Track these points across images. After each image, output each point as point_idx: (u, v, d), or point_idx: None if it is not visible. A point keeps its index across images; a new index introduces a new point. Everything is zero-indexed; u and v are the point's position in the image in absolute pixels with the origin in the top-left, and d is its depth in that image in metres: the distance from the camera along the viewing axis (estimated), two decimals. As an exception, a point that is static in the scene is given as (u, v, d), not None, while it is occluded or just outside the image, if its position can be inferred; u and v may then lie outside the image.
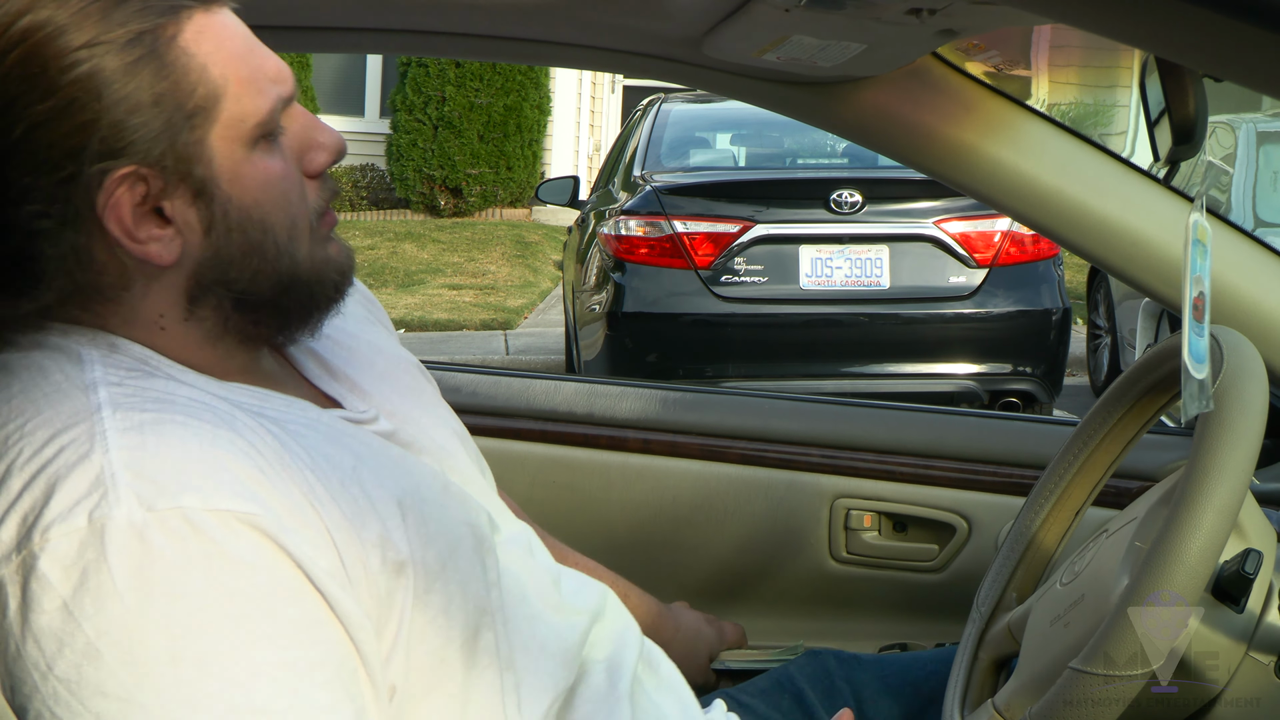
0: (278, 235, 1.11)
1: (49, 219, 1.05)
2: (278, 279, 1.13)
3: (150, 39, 1.05)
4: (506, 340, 10.39)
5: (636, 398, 2.22)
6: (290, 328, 1.18)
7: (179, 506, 0.99)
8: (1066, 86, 18.95)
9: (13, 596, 0.98)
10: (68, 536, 0.97)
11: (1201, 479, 1.17)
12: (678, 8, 1.60)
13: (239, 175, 1.09)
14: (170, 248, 1.08)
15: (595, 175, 9.51)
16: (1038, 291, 6.19)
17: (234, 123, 1.08)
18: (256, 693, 0.98)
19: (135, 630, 0.96)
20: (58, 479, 0.99)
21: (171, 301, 1.11)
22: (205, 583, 0.98)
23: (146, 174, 1.06)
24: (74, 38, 1.02)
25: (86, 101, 1.03)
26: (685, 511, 2.17)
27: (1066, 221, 1.77)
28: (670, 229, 6.11)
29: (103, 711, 0.96)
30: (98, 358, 1.08)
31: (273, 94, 1.11)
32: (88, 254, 1.07)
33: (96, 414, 1.03)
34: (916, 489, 2.13)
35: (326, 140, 1.16)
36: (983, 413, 2.35)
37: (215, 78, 1.07)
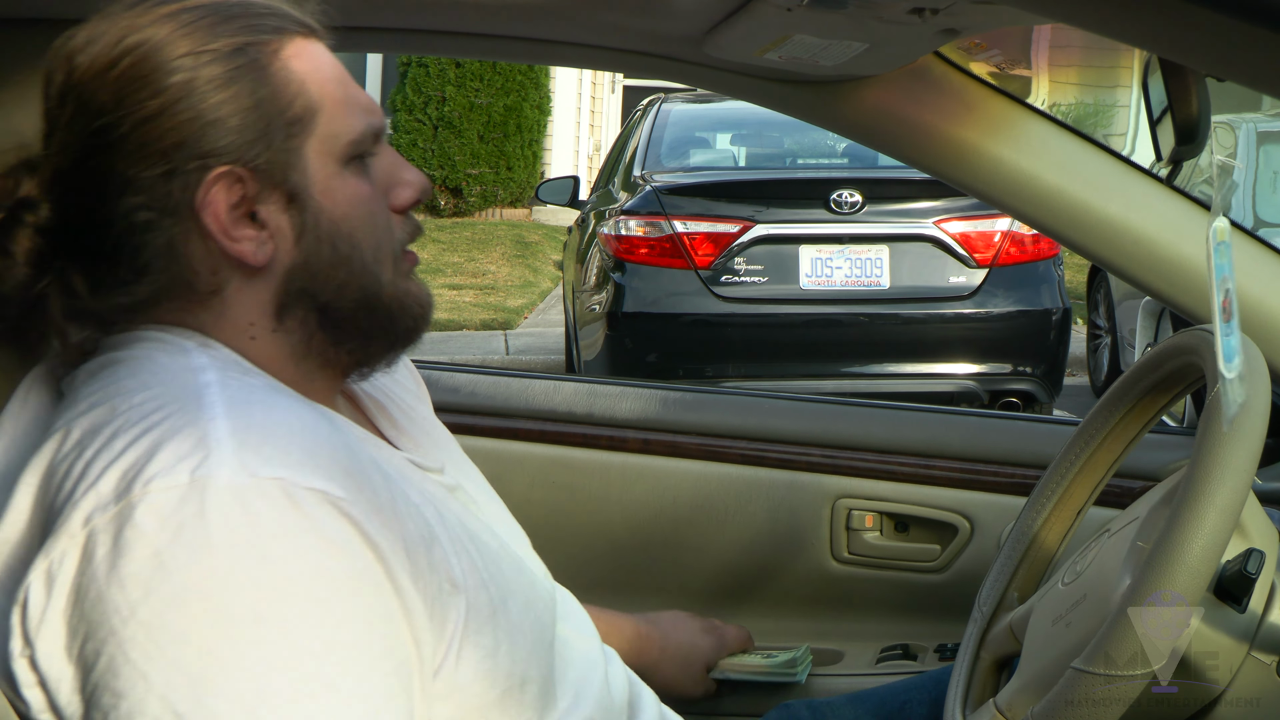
0: (364, 253, 1.17)
1: (150, 211, 1.11)
2: (362, 296, 1.18)
3: (253, 51, 1.13)
4: (506, 340, 10.39)
5: (636, 398, 2.21)
6: (369, 354, 1.22)
7: (280, 478, 1.03)
8: (1067, 86, 18.95)
9: (102, 545, 1.01)
10: (168, 491, 1.01)
11: (1204, 478, 1.16)
12: (679, 7, 1.60)
13: (330, 189, 1.15)
14: (263, 250, 1.14)
15: (595, 175, 9.51)
16: (1038, 291, 6.19)
17: (329, 138, 1.15)
18: (328, 668, 1.01)
19: (224, 585, 0.99)
20: (163, 438, 1.03)
21: (261, 310, 1.16)
22: (296, 554, 1.02)
23: (243, 175, 1.12)
24: (180, 46, 1.11)
25: (189, 102, 1.10)
26: (685, 512, 2.15)
27: (1068, 220, 1.77)
28: (670, 229, 6.11)
29: (180, 659, 0.99)
30: (200, 351, 1.13)
31: (365, 120, 1.18)
32: (184, 248, 1.13)
33: (206, 389, 1.07)
34: (918, 489, 2.12)
35: (412, 178, 1.22)
36: (984, 412, 2.35)
37: (313, 94, 1.15)
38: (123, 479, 1.02)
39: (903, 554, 2.14)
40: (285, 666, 1.00)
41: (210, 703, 0.98)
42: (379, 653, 1.04)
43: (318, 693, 1.00)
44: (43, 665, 1.03)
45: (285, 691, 0.99)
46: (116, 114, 1.11)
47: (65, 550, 1.02)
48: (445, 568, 1.14)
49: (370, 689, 1.03)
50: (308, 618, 1.01)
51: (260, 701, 0.99)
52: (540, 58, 1.99)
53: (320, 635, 1.01)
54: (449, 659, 1.13)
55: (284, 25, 1.16)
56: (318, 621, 1.02)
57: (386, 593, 1.06)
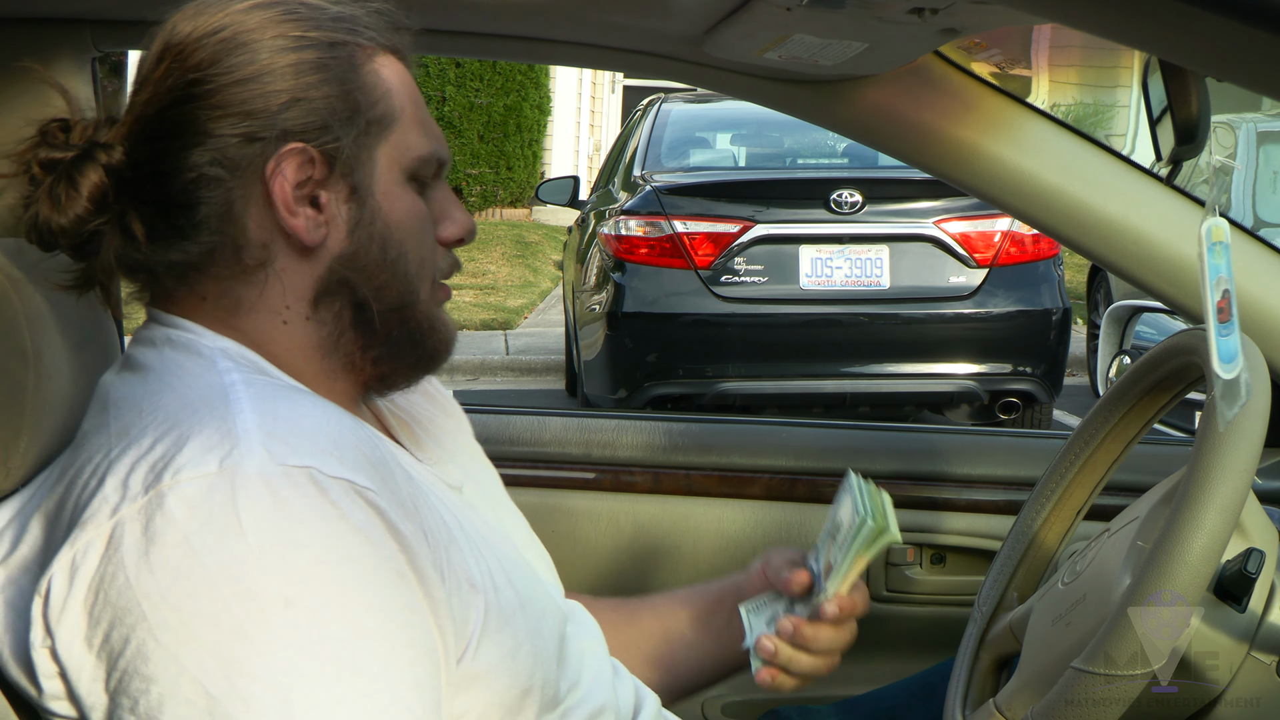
0: (409, 263, 1.21)
1: (219, 168, 1.15)
2: (399, 300, 1.21)
3: (350, 50, 1.19)
4: (506, 340, 10.39)
5: (638, 431, 2.09)
6: (392, 366, 1.24)
7: (307, 466, 1.05)
8: (1067, 86, 18.95)
9: (130, 534, 1.03)
10: (197, 480, 1.03)
11: (1204, 478, 1.16)
12: (679, 6, 1.60)
13: (391, 194, 1.20)
14: (317, 231, 1.17)
15: (595, 175, 9.51)
16: (1038, 291, 6.19)
17: (400, 147, 1.21)
18: (357, 653, 1.03)
19: (254, 570, 1.01)
20: (191, 432, 1.06)
21: (300, 294, 1.18)
22: (324, 540, 1.04)
23: (316, 158, 1.16)
24: (283, 29, 1.17)
25: (282, 75, 1.15)
26: (706, 556, 2.04)
27: (1068, 220, 1.76)
28: (670, 229, 6.11)
29: (212, 641, 1.01)
30: (223, 356, 1.16)
31: (434, 146, 1.23)
32: (243, 211, 1.16)
33: (231, 387, 1.11)
34: (962, 517, 2.02)
35: (462, 218, 1.27)
36: (1025, 431, 2.27)
37: (395, 103, 1.21)
38: (151, 471, 1.05)
39: (946, 588, 2.04)
40: (314, 650, 1.02)
41: (242, 684, 1.00)
42: (405, 640, 1.06)
43: (347, 676, 1.02)
44: (63, 655, 1.04)
45: (315, 674, 1.01)
46: (210, 71, 1.15)
47: (90, 541, 1.04)
48: (463, 568, 1.16)
49: (398, 674, 1.04)
50: (336, 603, 1.03)
51: (291, 684, 1.01)
52: (540, 57, 1.99)
53: (348, 620, 1.03)
54: (469, 653, 1.15)
55: (383, 40, 1.22)
56: (346, 607, 1.03)
57: (411, 582, 1.08)
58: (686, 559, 2.05)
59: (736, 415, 6.01)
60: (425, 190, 1.24)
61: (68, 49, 1.80)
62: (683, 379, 6.10)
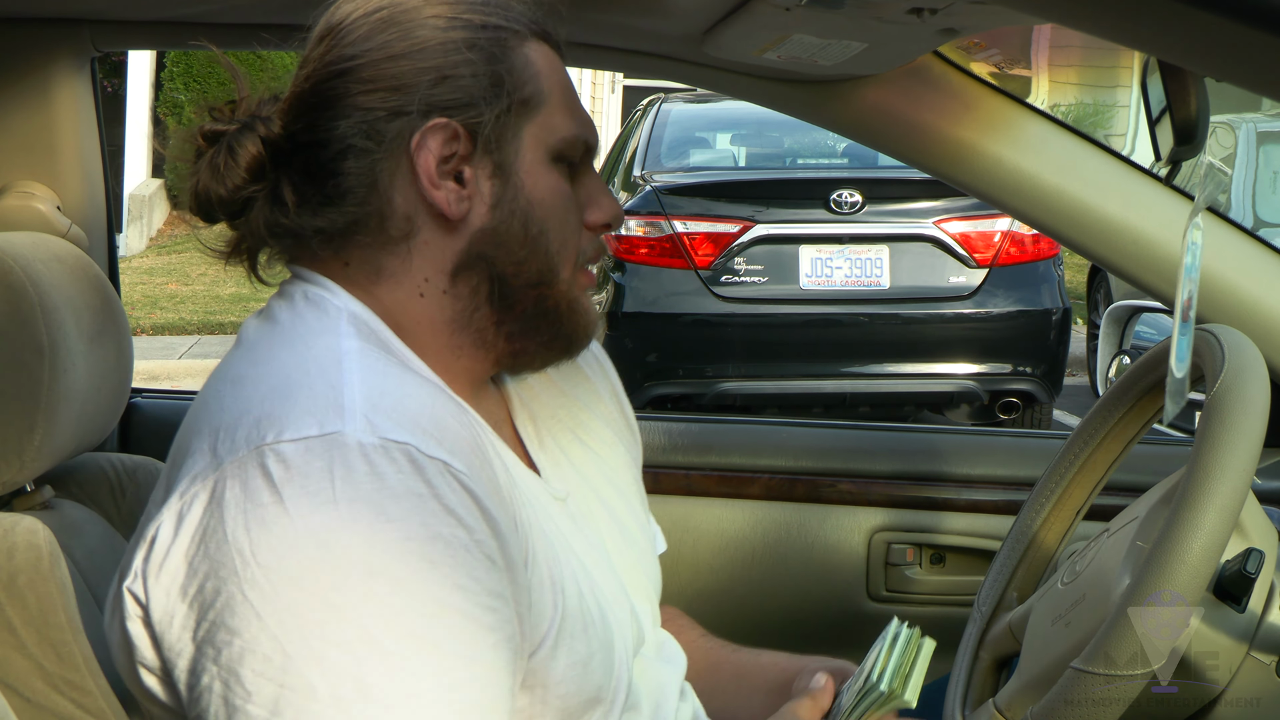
0: (550, 242, 1.23)
1: (367, 139, 1.18)
2: (537, 279, 1.23)
3: (503, 34, 1.22)
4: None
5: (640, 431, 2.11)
6: (525, 344, 1.25)
7: (406, 443, 1.06)
8: (1067, 86, 18.95)
9: (230, 490, 1.05)
10: (296, 442, 1.05)
11: (1203, 478, 1.16)
12: (679, 6, 1.60)
13: (535, 173, 1.22)
14: (460, 205, 1.20)
15: (595, 175, 9.50)
16: (1038, 291, 6.19)
17: (547, 128, 1.23)
18: (436, 629, 1.04)
19: (341, 536, 1.03)
20: (299, 393, 1.08)
21: (440, 266, 1.21)
22: (415, 516, 1.05)
23: (461, 133, 1.19)
24: (439, 10, 1.21)
25: (432, 53, 1.19)
26: (706, 557, 2.04)
27: (1067, 220, 1.76)
28: (670, 229, 6.11)
29: (294, 602, 1.02)
30: (350, 320, 1.18)
31: (581, 129, 1.26)
32: (388, 182, 1.19)
33: (346, 355, 1.13)
34: (962, 517, 2.01)
35: (608, 203, 1.29)
36: (1023, 431, 2.27)
37: (544, 85, 1.23)
38: (256, 427, 1.07)
39: (945, 588, 2.04)
40: (393, 621, 1.03)
41: (318, 647, 1.02)
42: (489, 624, 1.07)
43: (425, 650, 1.03)
44: (156, 600, 1.07)
45: (391, 645, 1.02)
46: (366, 47, 1.19)
47: (196, 493, 1.07)
48: (547, 566, 1.17)
49: (477, 654, 1.06)
50: (419, 577, 1.04)
51: (367, 652, 1.02)
52: (540, 57, 1.98)
53: (431, 596, 1.04)
54: (540, 652, 1.16)
55: (536, 26, 1.25)
56: (429, 583, 1.04)
57: (499, 568, 1.09)
58: (686, 559, 2.05)
59: (736, 415, 6.01)
60: (573, 173, 1.26)
61: (67, 49, 1.80)
62: (683, 379, 6.09)
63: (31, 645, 1.17)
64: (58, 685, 1.17)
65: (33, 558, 1.18)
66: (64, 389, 1.28)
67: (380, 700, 1.02)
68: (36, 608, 1.17)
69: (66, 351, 1.29)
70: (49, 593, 1.18)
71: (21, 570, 1.17)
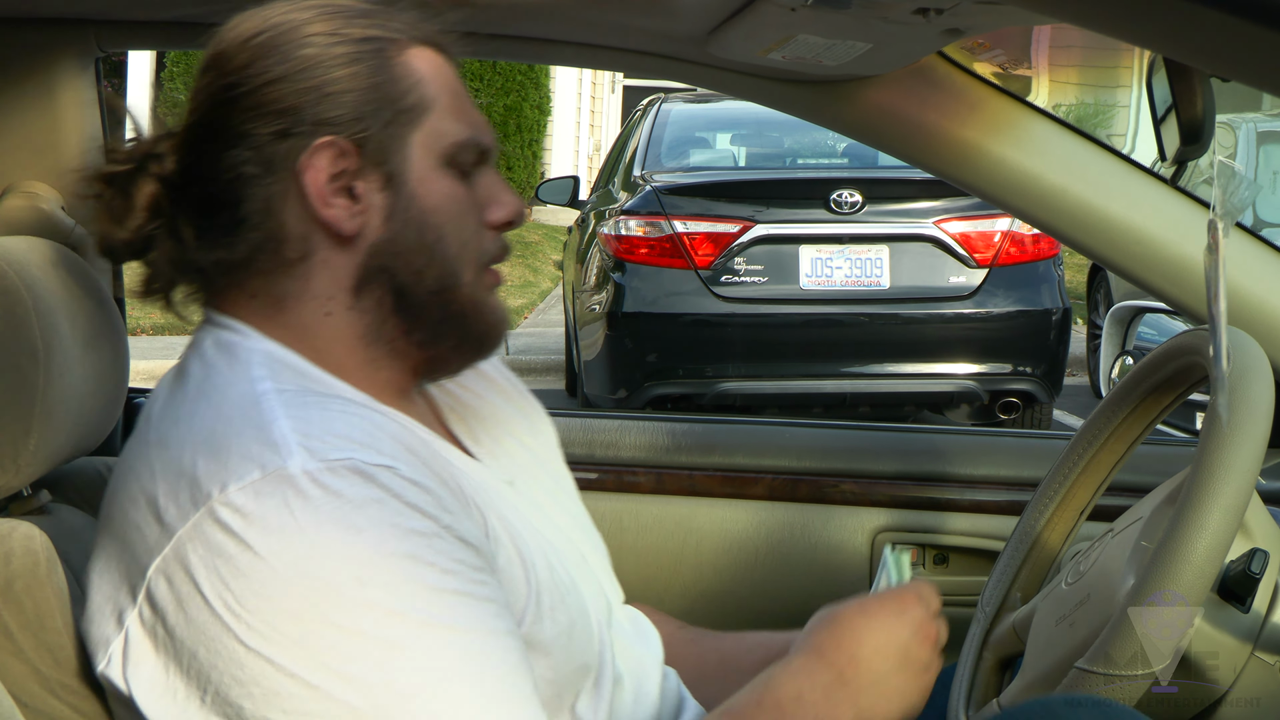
0: (448, 246, 1.23)
1: (255, 165, 1.19)
2: (439, 286, 1.23)
3: (380, 43, 1.22)
4: (506, 340, 10.36)
5: (641, 432, 2.08)
6: (437, 350, 1.26)
7: (350, 458, 1.08)
8: (1069, 86, 18.95)
9: (194, 554, 1.06)
10: (243, 489, 1.06)
11: (1207, 478, 1.17)
12: (683, 7, 1.60)
13: (426, 180, 1.22)
14: (353, 221, 1.20)
15: (595, 175, 9.50)
16: (1038, 291, 6.19)
17: (434, 135, 1.23)
18: (444, 611, 1.06)
19: (323, 561, 1.04)
20: (229, 444, 1.09)
21: (341, 284, 1.21)
22: (382, 520, 1.06)
23: (348, 149, 1.19)
24: (315, 27, 1.21)
25: (312, 73, 1.19)
26: (709, 557, 2.04)
27: (1071, 220, 1.76)
28: (670, 229, 6.11)
29: (302, 636, 1.04)
30: (261, 362, 1.18)
31: (473, 132, 1.25)
32: (280, 206, 1.19)
33: (263, 396, 1.13)
34: (965, 518, 2.01)
35: (509, 200, 1.29)
36: (1026, 432, 2.26)
37: (428, 92, 1.23)
38: (197, 488, 1.08)
39: (949, 589, 1.96)
40: (400, 620, 1.04)
41: (340, 667, 1.03)
42: (484, 596, 1.10)
43: (439, 634, 1.05)
44: (140, 687, 1.09)
45: (407, 641, 1.04)
46: (245, 74, 1.19)
47: (157, 568, 1.08)
48: (511, 546, 1.19)
49: (487, 624, 1.08)
50: (408, 573, 1.06)
51: (387, 656, 1.04)
52: (541, 57, 1.99)
53: (425, 585, 1.06)
54: (525, 623, 1.18)
55: (417, 33, 1.25)
56: (419, 575, 1.06)
57: (472, 548, 1.12)
58: (689, 559, 2.05)
59: (737, 415, 6.00)
60: (468, 176, 1.25)
61: (71, 49, 1.80)
62: (683, 379, 6.09)
63: (28, 650, 1.16)
64: (54, 690, 1.17)
65: (29, 563, 1.18)
66: (59, 393, 1.28)
67: (419, 693, 1.04)
68: (33, 613, 1.17)
69: (62, 355, 1.28)
70: (46, 598, 1.18)
71: (18, 576, 1.17)
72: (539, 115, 16.02)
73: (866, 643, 1.27)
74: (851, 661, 1.26)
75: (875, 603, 1.30)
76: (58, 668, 1.17)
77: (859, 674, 1.26)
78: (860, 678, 1.26)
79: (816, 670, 1.26)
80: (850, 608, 1.30)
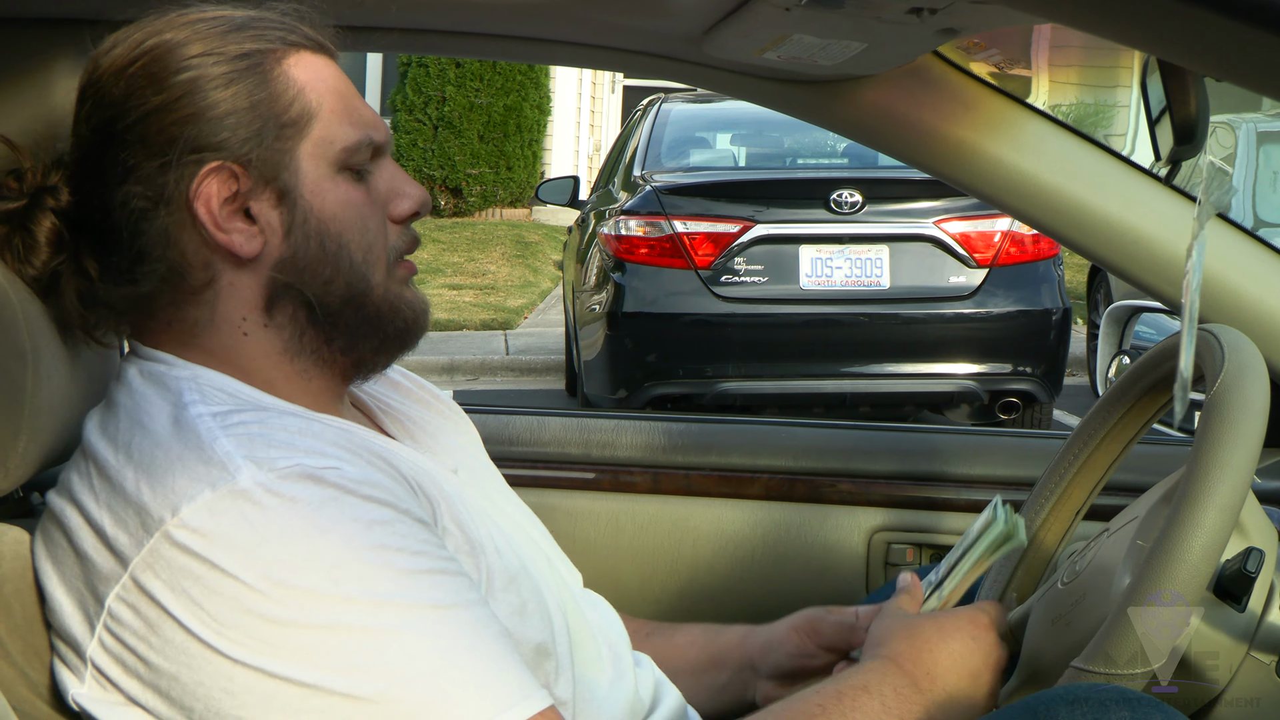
0: (352, 253, 1.21)
1: (146, 199, 1.17)
2: (349, 293, 1.21)
3: (257, 57, 1.19)
4: (506, 340, 10.39)
5: (637, 431, 2.08)
6: (360, 354, 1.25)
7: (298, 464, 1.08)
8: (1067, 86, 18.94)
9: (156, 580, 1.06)
10: (196, 509, 1.05)
11: (1203, 477, 1.17)
12: (678, 6, 1.60)
13: (321, 190, 1.20)
14: (252, 242, 1.19)
15: (595, 175, 9.51)
16: (1038, 291, 6.19)
17: (323, 143, 1.21)
18: (423, 592, 1.07)
19: (295, 566, 1.04)
20: (169, 468, 1.08)
21: (251, 304, 1.20)
22: (346, 516, 1.07)
23: (237, 171, 1.17)
24: (190, 49, 1.18)
25: (190, 99, 1.17)
26: (705, 556, 2.03)
27: (1067, 220, 1.76)
28: (670, 229, 6.11)
29: (289, 640, 1.03)
30: (189, 388, 1.17)
31: (363, 132, 1.23)
32: (178, 238, 1.18)
33: (199, 420, 1.12)
34: (961, 517, 2.00)
35: (412, 191, 1.27)
36: (1023, 431, 2.26)
37: (310, 101, 1.21)
38: (146, 514, 1.07)
39: None
40: (383, 602, 1.05)
41: (338, 664, 1.03)
42: (454, 571, 1.11)
43: (425, 612, 1.06)
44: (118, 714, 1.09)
45: (395, 623, 1.05)
46: (124, 107, 1.17)
47: (116, 596, 1.07)
48: (461, 528, 1.19)
49: (466, 597, 1.09)
50: (381, 562, 1.06)
51: (381, 641, 1.04)
52: (540, 57, 1.98)
53: (400, 570, 1.07)
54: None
55: (294, 39, 1.23)
56: (392, 564, 1.07)
57: (429, 529, 1.13)
58: (686, 559, 2.05)
59: (736, 415, 6.01)
60: (365, 176, 1.24)
61: (66, 50, 1.79)
62: (683, 379, 6.09)
63: (16, 654, 1.16)
64: (42, 694, 1.17)
65: (19, 567, 1.18)
66: (48, 395, 1.28)
67: (421, 673, 1.04)
68: (22, 617, 1.17)
69: (50, 357, 1.28)
70: (34, 602, 1.17)
71: (7, 579, 1.17)
72: (539, 115, 16.02)
73: (942, 661, 1.30)
74: (928, 675, 1.29)
75: (952, 623, 1.33)
76: (45, 673, 1.17)
77: (934, 687, 1.29)
78: (935, 691, 1.29)
79: (889, 673, 1.28)
80: (928, 621, 1.33)
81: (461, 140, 15.46)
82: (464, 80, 15.40)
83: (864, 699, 1.25)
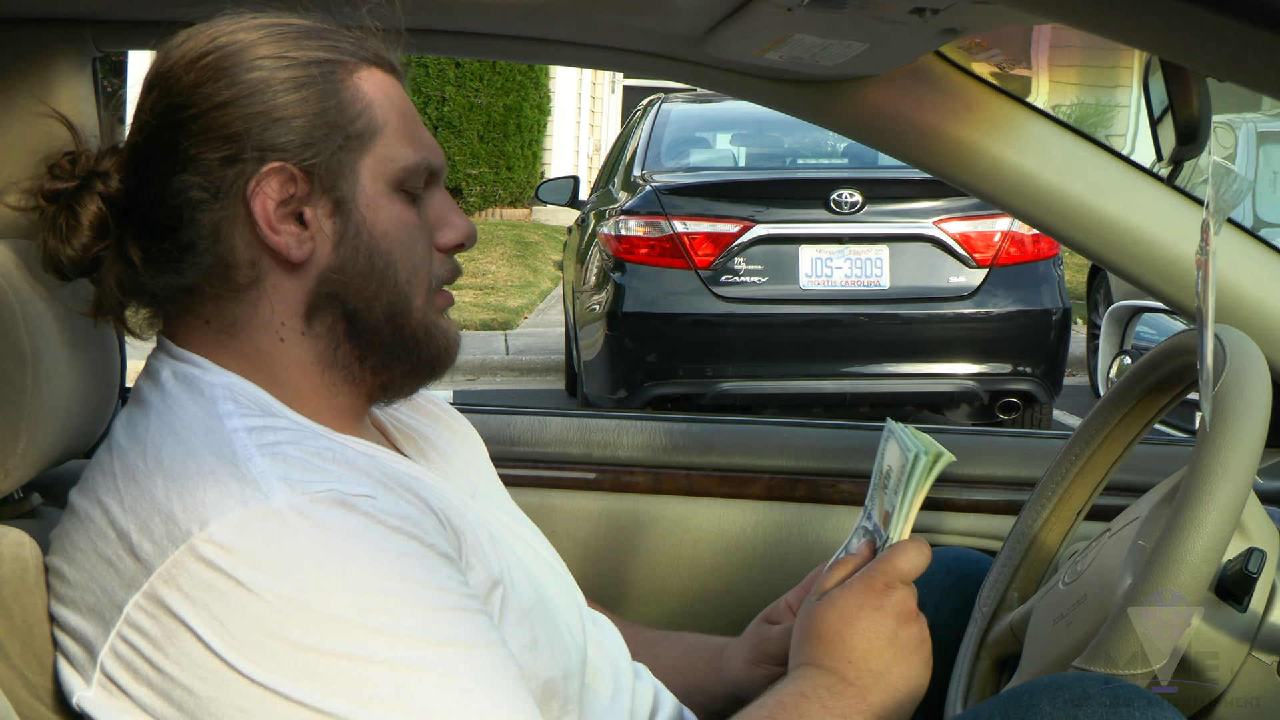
0: (399, 272, 1.22)
1: (203, 190, 1.17)
2: (390, 312, 1.22)
3: (329, 67, 1.21)
4: (506, 340, 10.39)
5: (639, 431, 2.08)
6: (391, 375, 1.25)
7: (331, 489, 1.08)
8: (1068, 86, 18.95)
9: (178, 593, 1.05)
10: (226, 525, 1.05)
11: (1205, 478, 1.16)
12: (680, 6, 1.60)
13: (376, 206, 1.21)
14: (302, 247, 1.19)
15: (595, 175, 9.50)
16: (1038, 291, 6.19)
17: (384, 160, 1.22)
18: (447, 629, 1.07)
19: (322, 592, 1.04)
20: (201, 480, 1.08)
21: (292, 309, 1.20)
22: (374, 545, 1.07)
23: (296, 175, 1.18)
24: (264, 50, 1.19)
25: (260, 98, 1.18)
26: (706, 557, 2.03)
27: (1068, 220, 1.76)
28: (670, 229, 6.11)
29: (307, 666, 1.03)
30: (224, 398, 1.17)
31: (423, 155, 1.24)
32: (229, 233, 1.18)
33: (235, 435, 1.12)
34: (963, 517, 2.01)
35: (460, 223, 1.28)
36: (1024, 431, 2.25)
37: (377, 116, 1.22)
38: (174, 525, 1.07)
39: None
40: (408, 637, 1.05)
41: (355, 694, 1.03)
42: (476, 608, 1.11)
43: (447, 649, 1.06)
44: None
45: (418, 658, 1.04)
46: (193, 97, 1.18)
47: (135, 604, 1.07)
48: (482, 558, 1.19)
49: (487, 637, 1.10)
50: (408, 595, 1.06)
51: (403, 676, 1.04)
52: (540, 57, 1.98)
53: (426, 605, 1.07)
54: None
55: (366, 54, 1.24)
56: (417, 594, 1.07)
57: (454, 566, 1.13)
58: (687, 559, 2.05)
59: (737, 415, 6.00)
60: (417, 200, 1.24)
61: (68, 49, 1.79)
62: (683, 379, 6.09)
63: (15, 656, 1.16)
64: (40, 696, 1.16)
65: (18, 569, 1.18)
66: (48, 396, 1.28)
67: (439, 710, 1.04)
68: (21, 619, 1.16)
69: (49, 358, 1.28)
70: (34, 604, 1.17)
71: (6, 581, 1.17)
72: (539, 115, 16.03)
73: (857, 645, 1.29)
74: (850, 664, 1.28)
75: (852, 602, 1.31)
76: (44, 674, 1.16)
77: (861, 673, 1.29)
78: (863, 677, 1.28)
79: (817, 676, 1.28)
80: (830, 612, 1.32)
81: (461, 140, 15.47)
82: (464, 80, 15.41)
83: (805, 704, 1.26)
